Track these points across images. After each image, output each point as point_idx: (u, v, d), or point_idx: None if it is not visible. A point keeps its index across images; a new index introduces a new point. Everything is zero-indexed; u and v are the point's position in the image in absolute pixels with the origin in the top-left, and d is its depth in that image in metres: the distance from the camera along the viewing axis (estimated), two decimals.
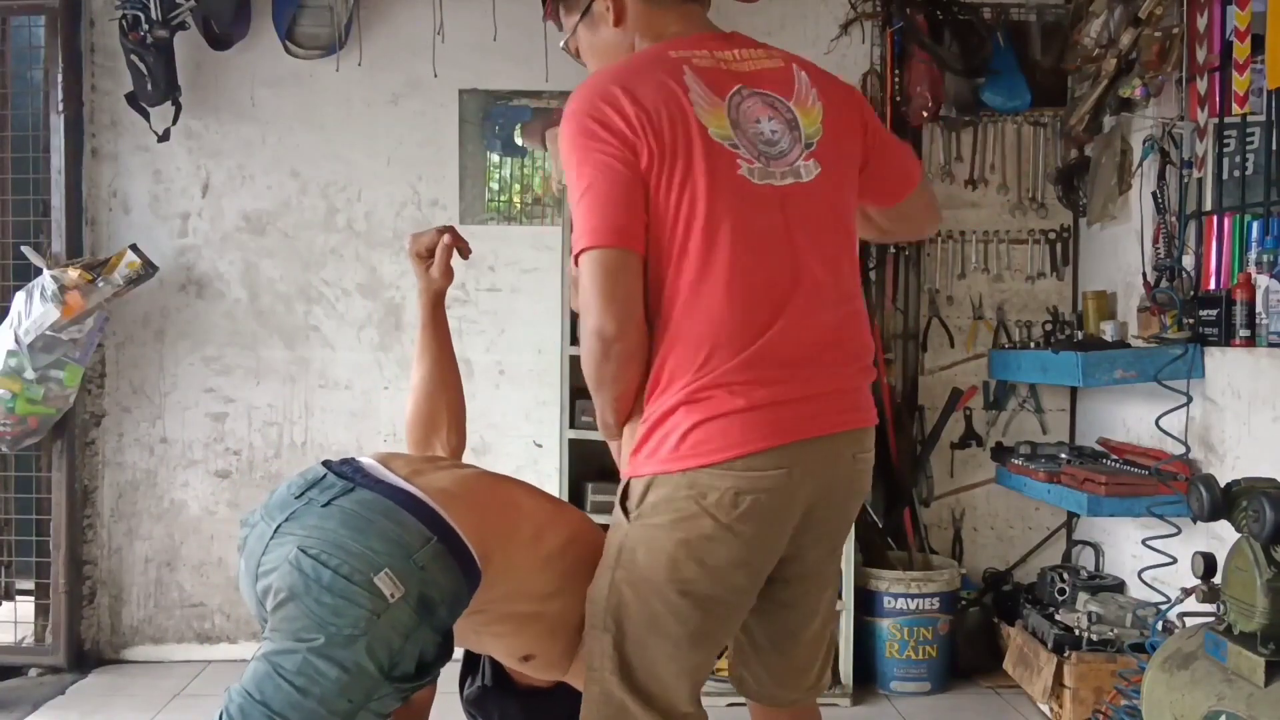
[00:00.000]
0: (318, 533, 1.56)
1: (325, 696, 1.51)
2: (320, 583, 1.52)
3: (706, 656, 1.74)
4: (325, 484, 1.64)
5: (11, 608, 3.88)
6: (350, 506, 1.58)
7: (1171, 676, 2.11)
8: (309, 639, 1.52)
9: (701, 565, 1.66)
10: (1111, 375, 3.18)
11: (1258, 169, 2.99)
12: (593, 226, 1.61)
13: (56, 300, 3.50)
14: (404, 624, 1.54)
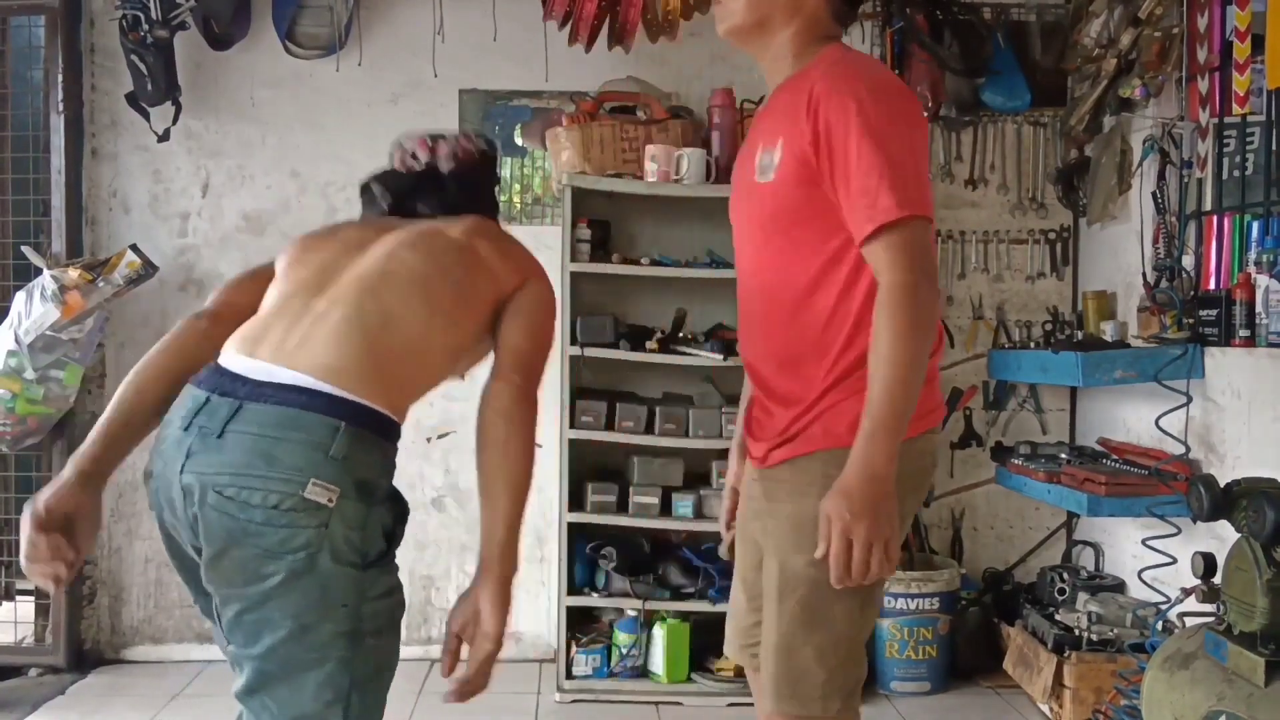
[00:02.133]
0: (228, 469, 1.49)
1: (321, 619, 1.51)
2: (255, 522, 1.47)
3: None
4: (210, 409, 1.54)
5: (11, 608, 3.88)
6: (248, 431, 1.50)
7: (1171, 676, 2.11)
8: (270, 575, 1.49)
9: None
10: (1111, 375, 3.18)
11: (1258, 169, 2.99)
12: (925, 198, 1.69)
13: (56, 300, 3.50)
14: (353, 517, 1.51)
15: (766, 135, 1.82)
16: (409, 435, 4.15)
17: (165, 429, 1.60)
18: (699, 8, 3.63)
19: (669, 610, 3.59)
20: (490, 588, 1.70)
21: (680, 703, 3.53)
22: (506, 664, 3.88)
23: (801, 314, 1.80)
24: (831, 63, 1.76)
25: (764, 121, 1.87)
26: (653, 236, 3.86)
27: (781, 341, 1.84)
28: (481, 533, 1.70)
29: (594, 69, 3.74)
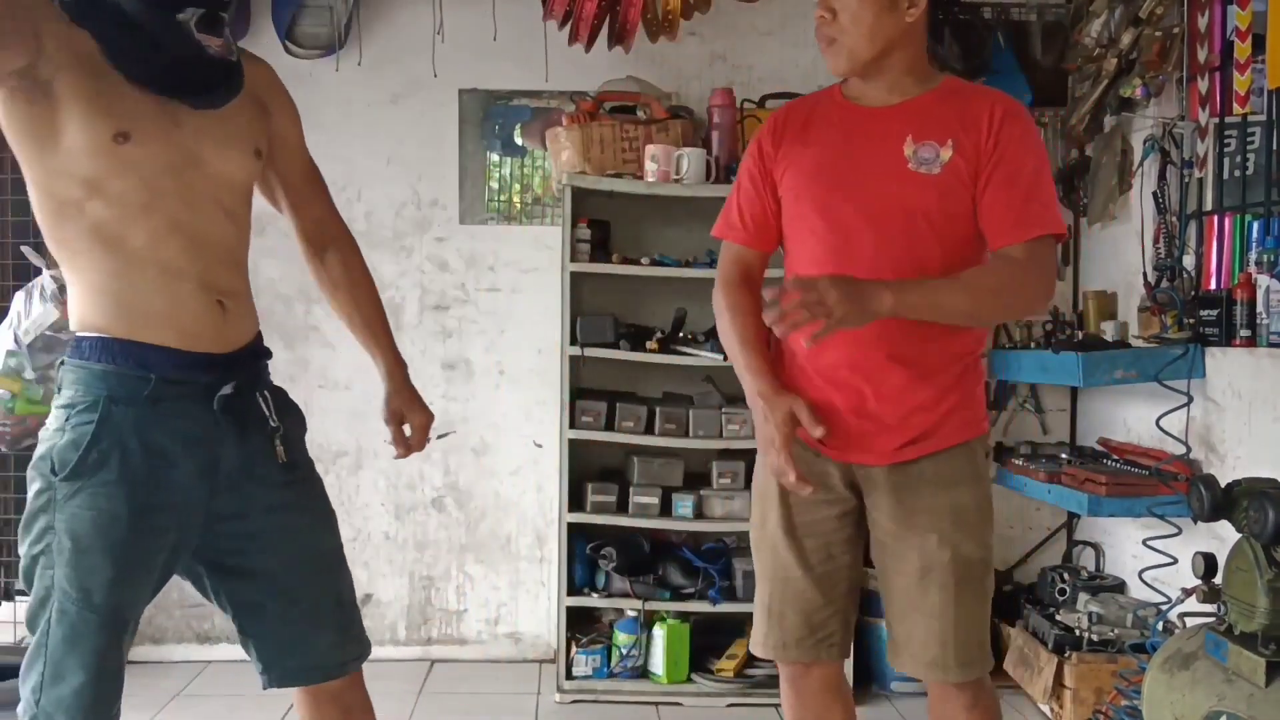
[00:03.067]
0: None
1: (27, 518, 1.72)
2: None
3: None
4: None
5: (11, 608, 3.88)
6: None
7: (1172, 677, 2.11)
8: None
9: None
10: (1112, 375, 3.17)
11: (1258, 169, 2.99)
12: (1060, 218, 1.99)
13: (56, 300, 3.50)
14: (51, 434, 1.76)
15: (921, 132, 1.96)
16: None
17: None
18: (699, 7, 3.63)
19: (669, 610, 3.59)
20: (404, 379, 2.18)
21: (680, 703, 3.52)
22: (506, 664, 3.90)
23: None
24: (1008, 101, 2.08)
25: (905, 121, 1.99)
26: (653, 236, 3.86)
27: (910, 338, 1.95)
28: (375, 347, 2.22)
29: (594, 69, 3.74)
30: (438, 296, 3.97)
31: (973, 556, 2.01)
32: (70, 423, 1.70)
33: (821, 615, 2.12)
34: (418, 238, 3.95)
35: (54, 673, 1.66)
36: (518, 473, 3.97)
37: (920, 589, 2.03)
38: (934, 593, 2.01)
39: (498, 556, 3.97)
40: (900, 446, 2.01)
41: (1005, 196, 1.94)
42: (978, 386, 2.07)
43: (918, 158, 1.96)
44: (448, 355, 3.96)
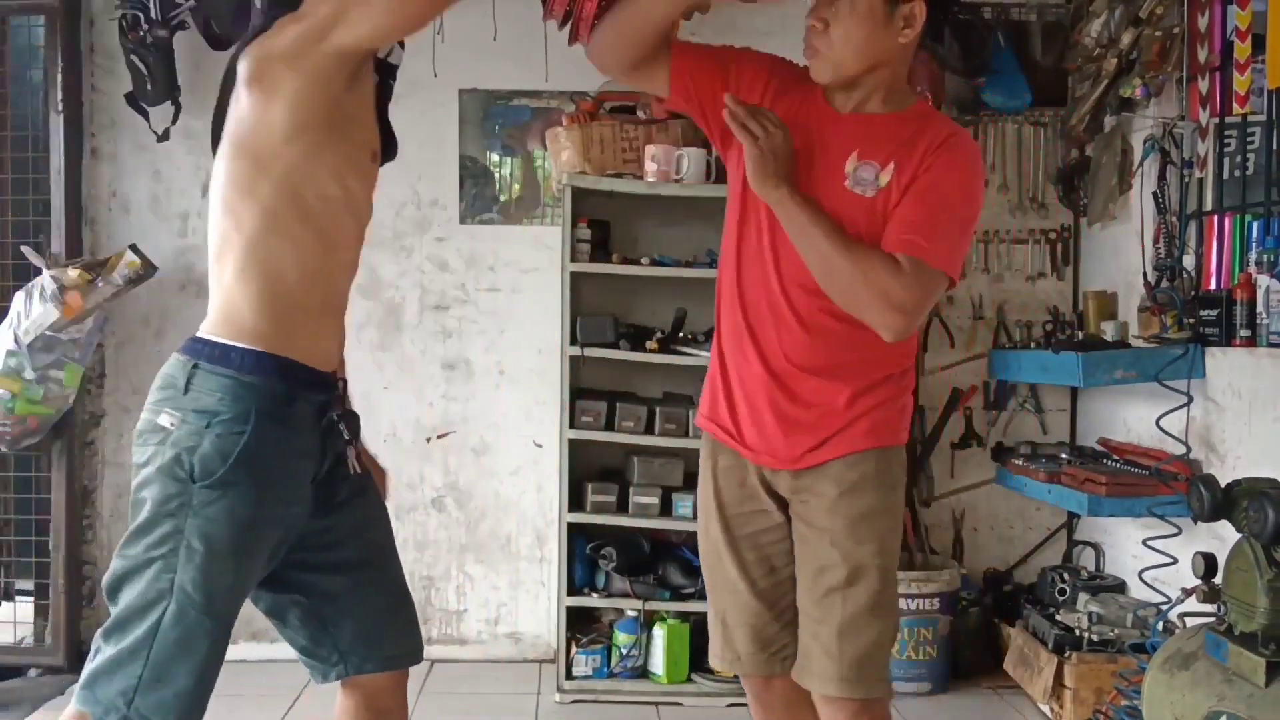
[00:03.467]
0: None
1: (149, 520, 1.70)
2: (136, 443, 1.76)
3: None
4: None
5: (11, 608, 3.88)
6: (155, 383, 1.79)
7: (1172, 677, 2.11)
8: (135, 488, 1.74)
9: None
10: (1112, 375, 3.17)
11: (1258, 169, 2.99)
12: (958, 265, 1.92)
13: (56, 300, 3.50)
14: (186, 437, 1.70)
15: (867, 151, 1.91)
16: (409, 435, 4.15)
17: None
18: (699, 8, 3.62)
19: (669, 610, 3.59)
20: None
21: (680, 703, 3.52)
22: (506, 664, 3.90)
23: (859, 323, 1.90)
24: (956, 129, 1.98)
25: (859, 135, 1.93)
26: (653, 236, 3.86)
27: (832, 347, 1.94)
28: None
29: (594, 69, 3.73)
30: (438, 296, 3.97)
31: (866, 564, 1.94)
32: (214, 431, 1.70)
33: (770, 630, 2.05)
34: (418, 238, 3.95)
35: (156, 675, 1.68)
36: (518, 473, 3.97)
37: (810, 596, 1.97)
38: (824, 600, 1.95)
39: (498, 556, 3.97)
40: (809, 450, 1.97)
41: (908, 212, 1.86)
42: (898, 398, 2.01)
43: (855, 176, 1.90)
44: (448, 355, 3.96)
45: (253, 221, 1.76)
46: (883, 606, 1.95)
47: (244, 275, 1.76)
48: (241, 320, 1.75)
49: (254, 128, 1.78)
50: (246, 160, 1.78)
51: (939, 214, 1.86)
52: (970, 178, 1.93)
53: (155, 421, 1.72)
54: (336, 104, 1.79)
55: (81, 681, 1.72)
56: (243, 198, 1.77)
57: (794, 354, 1.96)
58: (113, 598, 1.72)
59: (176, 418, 1.71)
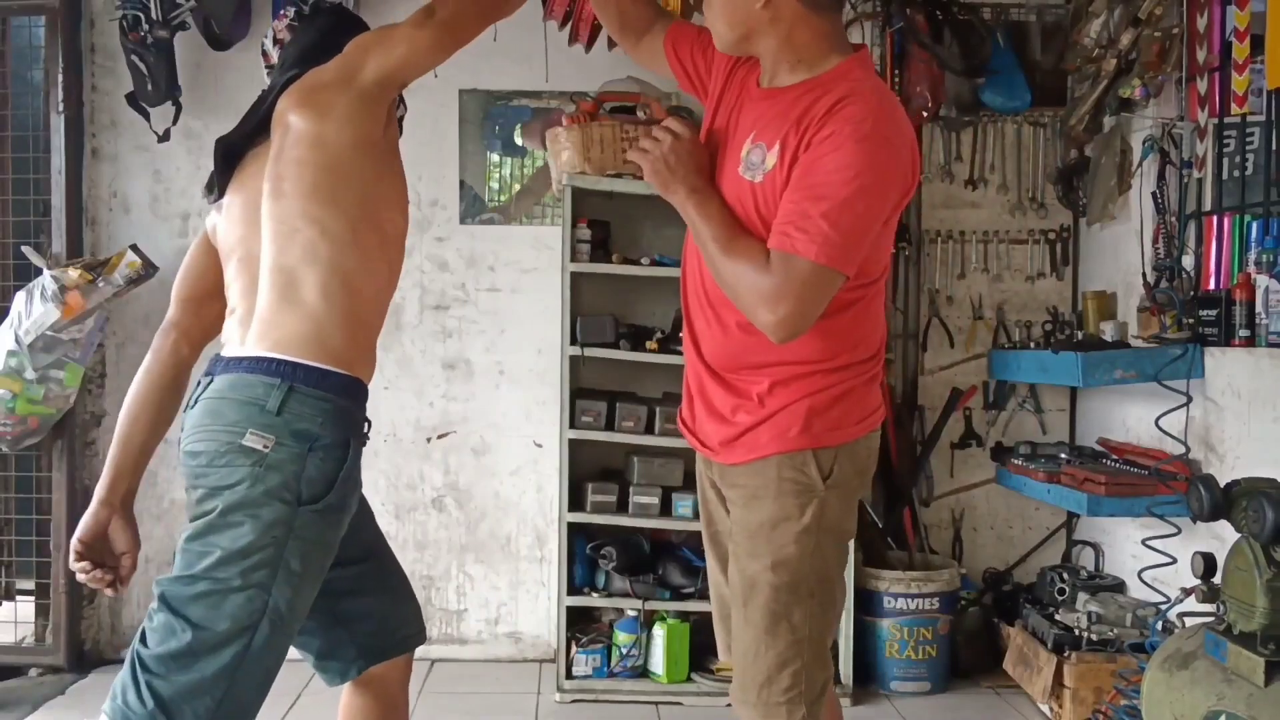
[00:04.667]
0: (190, 431, 1.78)
1: (251, 547, 1.69)
2: (201, 466, 1.73)
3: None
4: (194, 389, 1.85)
5: (11, 608, 3.88)
6: (206, 396, 1.78)
7: (1171, 676, 2.11)
8: (213, 508, 1.70)
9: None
10: (1111, 375, 3.18)
11: (1257, 169, 2.99)
12: (851, 257, 1.71)
13: (57, 300, 3.50)
14: (289, 460, 1.71)
15: (762, 131, 1.81)
16: (409, 435, 4.15)
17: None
18: (698, 7, 3.62)
19: (669, 610, 3.59)
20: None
21: (680, 703, 3.53)
22: (506, 664, 3.91)
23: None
24: (851, 92, 1.73)
25: (761, 114, 1.84)
26: (653, 236, 3.86)
27: (740, 343, 1.86)
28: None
29: (594, 69, 3.74)
30: (438, 296, 3.97)
31: (758, 580, 1.82)
32: (317, 455, 1.73)
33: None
34: (418, 238, 3.95)
35: (236, 701, 1.70)
36: (518, 473, 3.97)
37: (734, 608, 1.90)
38: (735, 614, 1.87)
39: (498, 556, 3.98)
40: (724, 443, 1.90)
41: (785, 201, 1.72)
42: (831, 389, 1.85)
43: (747, 160, 1.81)
44: (448, 355, 3.97)
45: (341, 235, 1.80)
46: (781, 626, 1.80)
47: (331, 294, 1.79)
48: (332, 344, 1.78)
49: (316, 143, 1.81)
50: (324, 173, 1.81)
51: (814, 200, 1.67)
52: (853, 154, 1.67)
53: (240, 443, 1.70)
54: (383, 134, 1.86)
55: (150, 705, 1.67)
56: (326, 207, 1.79)
57: (713, 346, 1.91)
58: (181, 612, 1.69)
59: (269, 439, 1.70)
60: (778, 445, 1.83)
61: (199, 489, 1.73)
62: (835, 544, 1.87)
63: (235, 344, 1.83)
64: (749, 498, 1.86)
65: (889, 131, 1.72)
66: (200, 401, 1.78)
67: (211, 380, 1.79)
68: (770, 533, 1.81)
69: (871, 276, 1.86)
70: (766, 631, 1.81)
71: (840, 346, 1.85)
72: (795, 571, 1.81)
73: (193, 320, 1.99)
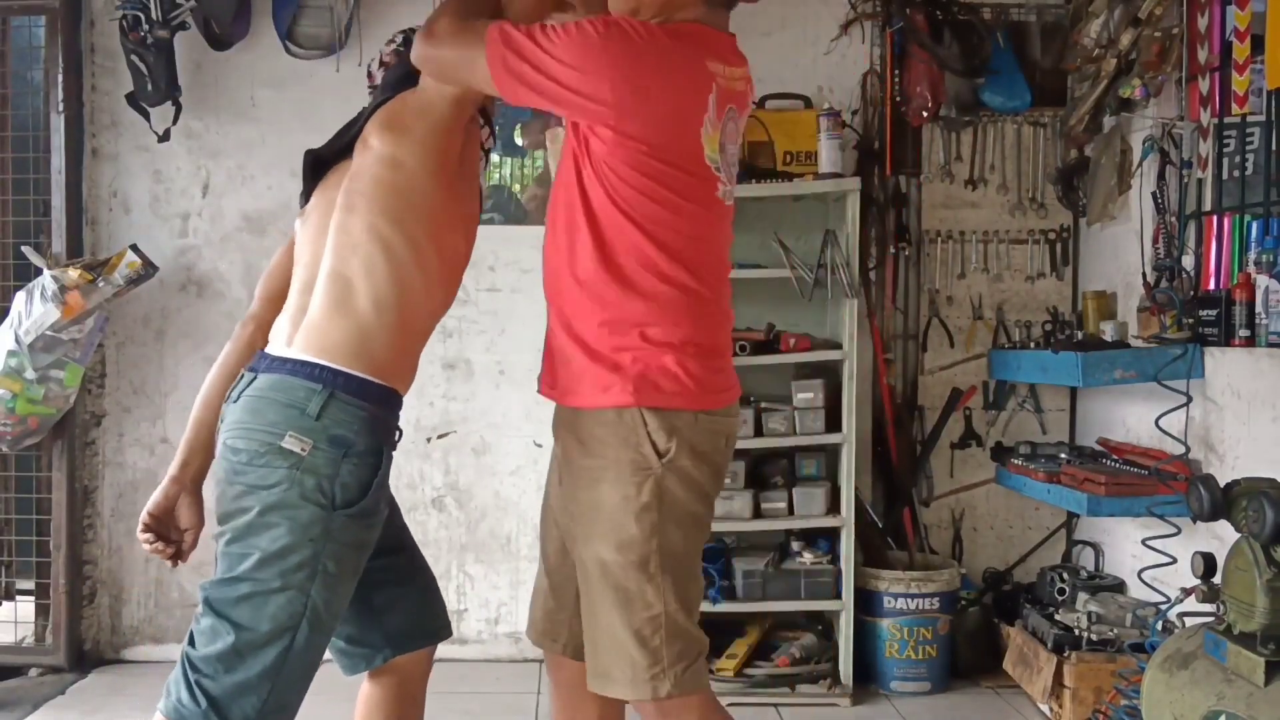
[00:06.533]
0: (231, 426, 1.80)
1: (288, 546, 1.73)
2: (240, 463, 1.76)
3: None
4: (238, 383, 1.86)
5: (12, 608, 3.88)
6: (250, 393, 1.81)
7: (1171, 676, 2.12)
8: (249, 507, 1.75)
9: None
10: (1111, 375, 3.18)
11: (1257, 169, 2.99)
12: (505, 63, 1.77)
13: (57, 300, 3.50)
14: (324, 465, 1.75)
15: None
16: (409, 435, 4.15)
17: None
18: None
19: None
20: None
21: None
22: (506, 664, 3.90)
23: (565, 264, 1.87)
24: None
25: None
26: None
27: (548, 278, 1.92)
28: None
29: None
30: None
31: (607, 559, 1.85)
32: (351, 461, 1.77)
33: (549, 606, 2.05)
34: None
35: (280, 696, 1.76)
36: (518, 473, 3.97)
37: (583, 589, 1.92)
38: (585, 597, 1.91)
39: (498, 556, 3.98)
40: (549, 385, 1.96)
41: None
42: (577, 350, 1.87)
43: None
44: (448, 355, 3.96)
45: (403, 253, 1.83)
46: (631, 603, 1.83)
47: (383, 308, 1.82)
48: (377, 355, 1.82)
49: (392, 164, 1.86)
50: (395, 193, 1.85)
51: (542, 33, 1.75)
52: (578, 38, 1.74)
53: (278, 444, 1.74)
54: (459, 160, 1.91)
55: (203, 706, 1.75)
56: (392, 225, 1.83)
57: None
58: (225, 614, 1.75)
59: (307, 444, 1.74)
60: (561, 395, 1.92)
61: (235, 485, 1.77)
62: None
63: (282, 343, 1.85)
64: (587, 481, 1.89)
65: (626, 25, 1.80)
66: (243, 398, 1.80)
67: (255, 377, 1.82)
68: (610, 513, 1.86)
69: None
70: (620, 610, 1.83)
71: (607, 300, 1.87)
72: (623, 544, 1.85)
73: (271, 315, 2.00)
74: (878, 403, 3.90)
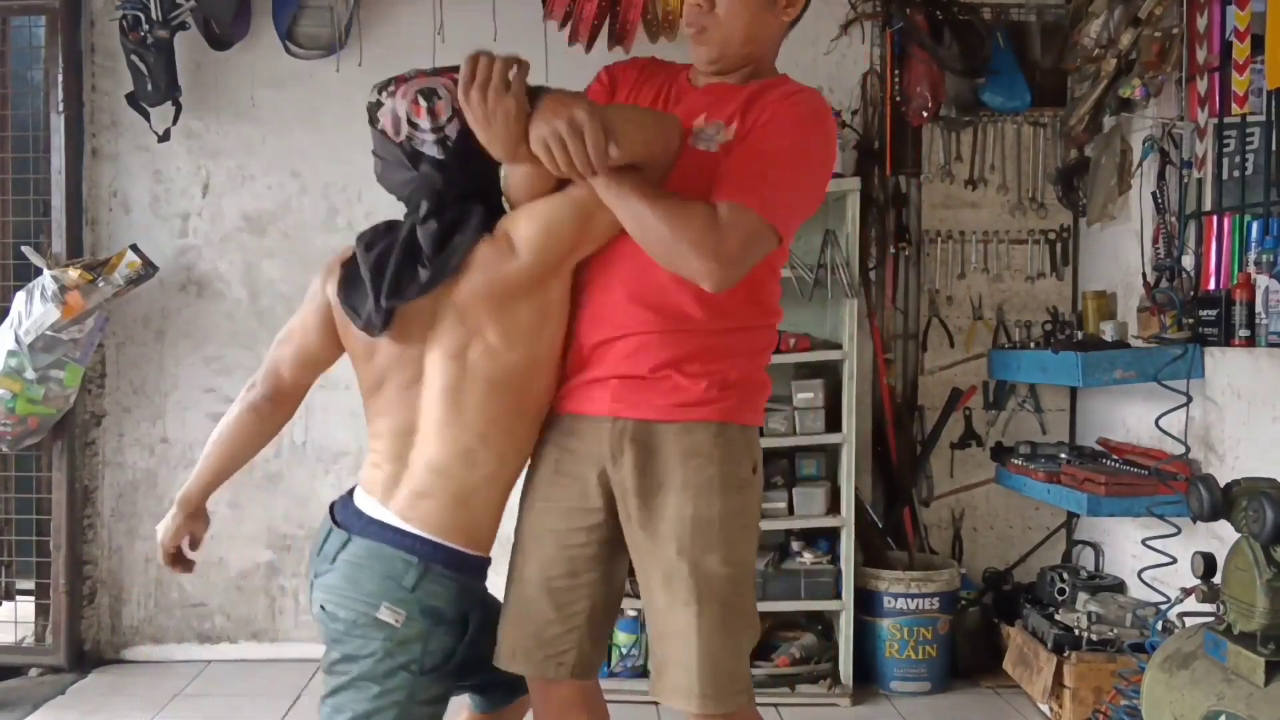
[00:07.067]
0: (330, 590, 1.84)
1: (377, 709, 1.81)
2: (339, 631, 1.83)
3: None
4: (331, 539, 1.87)
5: (12, 608, 3.88)
6: (348, 559, 1.83)
7: (1171, 676, 2.12)
8: (347, 672, 1.83)
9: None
10: (1111, 375, 3.18)
11: (1257, 169, 2.99)
12: (790, 224, 1.78)
13: (57, 300, 3.50)
14: (417, 635, 1.81)
15: (714, 111, 1.85)
16: None
17: (310, 553, 1.95)
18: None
19: None
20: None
21: None
22: None
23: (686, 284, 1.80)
24: (799, 87, 1.87)
25: (708, 102, 1.88)
26: None
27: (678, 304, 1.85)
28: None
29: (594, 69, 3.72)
30: None
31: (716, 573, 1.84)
32: (441, 629, 1.84)
33: (554, 631, 1.96)
34: None
35: None
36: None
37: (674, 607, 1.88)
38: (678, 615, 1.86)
39: (498, 556, 3.96)
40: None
41: (738, 160, 1.77)
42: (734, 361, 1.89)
43: (699, 135, 1.84)
44: None
45: (506, 451, 1.87)
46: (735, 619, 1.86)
47: (492, 481, 1.87)
48: (476, 530, 1.87)
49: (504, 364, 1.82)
50: (508, 394, 1.84)
51: (767, 164, 1.74)
52: (806, 132, 1.80)
53: (375, 616, 1.79)
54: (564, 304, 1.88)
55: None
56: (504, 435, 1.86)
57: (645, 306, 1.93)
58: None
59: (401, 615, 1.79)
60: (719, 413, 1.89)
61: (334, 651, 1.85)
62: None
63: (376, 502, 1.85)
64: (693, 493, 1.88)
65: (830, 123, 1.88)
66: (340, 562, 1.83)
67: (349, 538, 1.84)
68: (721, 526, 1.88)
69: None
70: (724, 627, 1.83)
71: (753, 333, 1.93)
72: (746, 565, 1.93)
73: (275, 386, 2.05)
74: (878, 403, 3.90)
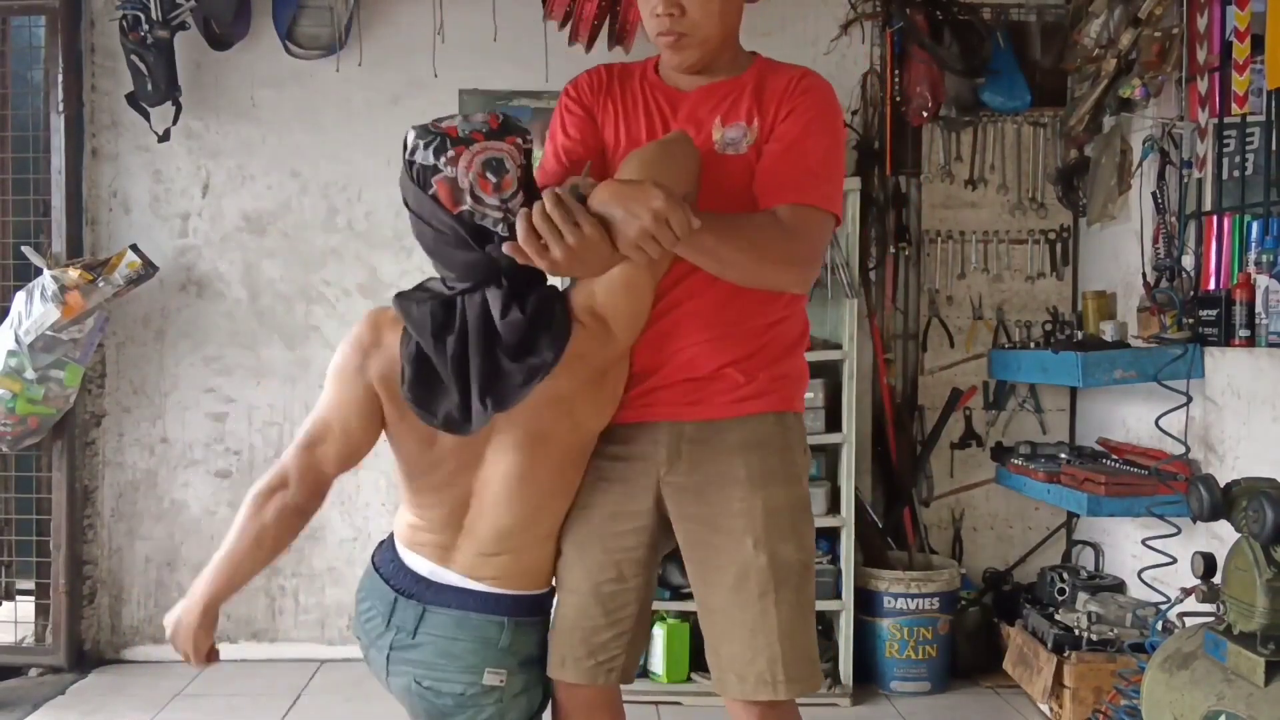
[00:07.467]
0: (427, 667, 1.83)
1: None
2: (446, 706, 1.84)
3: None
4: (401, 609, 1.86)
5: (12, 608, 3.88)
6: (435, 635, 1.83)
7: (1171, 676, 2.12)
8: None
9: None
10: (1111, 375, 3.18)
11: (1257, 169, 2.99)
12: (838, 199, 1.85)
13: (57, 300, 3.50)
14: (523, 687, 1.86)
15: (727, 114, 1.87)
16: None
17: (367, 617, 1.91)
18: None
19: (669, 610, 3.59)
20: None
21: (680, 702, 3.53)
22: None
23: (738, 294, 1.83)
24: (802, 72, 1.90)
25: (708, 105, 1.88)
26: None
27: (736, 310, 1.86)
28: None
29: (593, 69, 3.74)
30: None
31: (792, 560, 1.90)
32: (537, 673, 1.89)
33: (604, 637, 1.96)
34: None
35: None
36: None
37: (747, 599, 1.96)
38: (753, 605, 1.93)
39: None
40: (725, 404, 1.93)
41: (781, 162, 1.80)
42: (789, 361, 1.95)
43: (725, 140, 1.86)
44: None
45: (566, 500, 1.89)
46: (807, 603, 1.93)
47: (551, 537, 1.90)
48: (547, 568, 1.91)
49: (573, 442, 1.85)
50: (574, 461, 1.87)
51: (808, 157, 1.81)
52: (831, 117, 1.88)
53: (482, 683, 1.82)
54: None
55: None
56: (565, 494, 1.88)
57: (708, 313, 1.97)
58: None
59: (503, 674, 1.83)
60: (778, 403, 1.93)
61: None
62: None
63: (437, 566, 1.87)
64: (761, 480, 1.89)
65: (834, 94, 1.92)
66: (424, 637, 1.83)
67: (424, 610, 1.83)
68: (791, 514, 1.91)
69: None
70: (801, 612, 1.89)
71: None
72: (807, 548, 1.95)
73: (317, 485, 1.90)
74: (878, 403, 3.90)
